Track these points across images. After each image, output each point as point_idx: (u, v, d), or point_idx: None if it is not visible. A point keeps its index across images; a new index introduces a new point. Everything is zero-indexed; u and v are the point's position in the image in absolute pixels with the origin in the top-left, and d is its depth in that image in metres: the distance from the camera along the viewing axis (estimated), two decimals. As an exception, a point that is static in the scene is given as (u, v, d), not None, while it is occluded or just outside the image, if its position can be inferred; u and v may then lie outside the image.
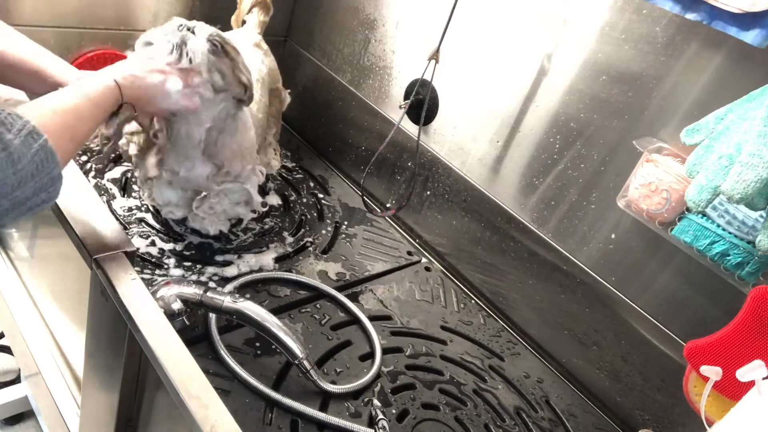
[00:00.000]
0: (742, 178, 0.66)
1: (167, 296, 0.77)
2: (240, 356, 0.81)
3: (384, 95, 1.28)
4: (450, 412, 0.87)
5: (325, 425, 0.76)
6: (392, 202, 1.30)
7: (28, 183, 0.47)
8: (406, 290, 1.09)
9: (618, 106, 0.91)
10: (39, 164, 0.47)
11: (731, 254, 0.77)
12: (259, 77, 1.07)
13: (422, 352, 0.96)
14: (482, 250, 1.14)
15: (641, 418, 0.97)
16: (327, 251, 1.11)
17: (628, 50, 0.89)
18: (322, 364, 0.86)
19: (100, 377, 0.83)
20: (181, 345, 0.66)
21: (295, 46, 1.48)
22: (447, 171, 1.18)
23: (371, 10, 1.27)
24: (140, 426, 0.81)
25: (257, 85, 1.04)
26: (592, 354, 1.02)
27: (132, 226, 0.98)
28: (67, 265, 0.92)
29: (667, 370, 0.92)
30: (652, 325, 0.93)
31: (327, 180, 1.35)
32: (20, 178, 0.46)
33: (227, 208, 0.99)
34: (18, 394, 1.52)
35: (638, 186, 0.85)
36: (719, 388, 0.73)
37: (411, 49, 1.21)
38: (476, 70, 1.10)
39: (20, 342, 1.14)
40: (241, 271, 0.97)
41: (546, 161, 1.02)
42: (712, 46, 0.81)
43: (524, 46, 1.02)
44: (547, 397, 0.99)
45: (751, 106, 0.70)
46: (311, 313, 0.94)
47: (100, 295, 0.75)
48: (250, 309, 0.78)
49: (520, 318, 1.11)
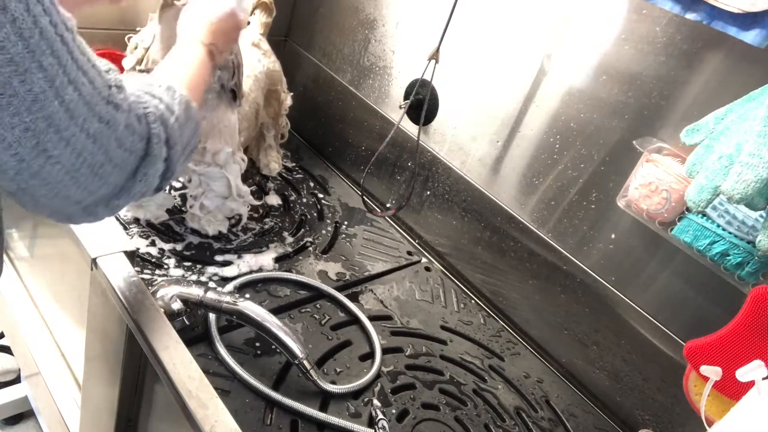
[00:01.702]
0: (742, 178, 0.66)
1: (167, 296, 0.77)
2: (240, 356, 0.81)
3: (384, 95, 1.28)
4: (450, 412, 0.87)
5: (325, 425, 0.76)
6: (392, 202, 1.30)
7: (192, 135, 0.64)
8: (406, 290, 1.09)
9: (618, 106, 0.91)
10: (191, 120, 0.63)
11: (731, 254, 0.77)
12: (252, 74, 1.07)
13: (422, 352, 0.96)
14: (482, 250, 1.14)
15: (641, 418, 0.97)
16: (327, 251, 1.11)
17: (628, 50, 0.89)
18: (322, 364, 0.86)
19: (100, 377, 0.83)
20: (181, 345, 0.66)
21: (295, 46, 1.48)
22: (447, 171, 1.18)
23: (371, 10, 1.27)
24: (140, 426, 0.81)
25: (248, 80, 1.04)
26: (592, 354, 1.02)
27: (132, 226, 0.98)
28: (67, 265, 0.93)
29: (667, 370, 0.92)
30: (652, 325, 0.93)
31: (327, 180, 1.35)
32: (189, 132, 0.63)
33: (218, 204, 0.99)
34: (18, 394, 1.52)
35: (638, 186, 0.85)
36: (719, 388, 0.73)
37: (411, 49, 1.21)
38: (476, 70, 1.10)
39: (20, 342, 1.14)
40: (241, 271, 0.97)
41: (546, 161, 1.02)
42: (712, 46, 0.81)
43: (524, 46, 1.02)
44: (547, 397, 0.99)
45: (751, 106, 0.70)
46: (311, 313, 0.94)
47: (100, 295, 0.75)
48: (250, 309, 0.78)
49: (520, 318, 1.11)
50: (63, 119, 0.44)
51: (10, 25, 0.39)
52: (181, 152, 0.61)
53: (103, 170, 0.50)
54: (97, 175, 0.50)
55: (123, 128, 0.51)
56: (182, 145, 0.61)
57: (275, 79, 1.16)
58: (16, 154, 0.43)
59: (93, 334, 0.82)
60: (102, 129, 0.48)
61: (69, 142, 0.46)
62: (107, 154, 0.50)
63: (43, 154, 0.45)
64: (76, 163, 0.47)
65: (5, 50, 0.39)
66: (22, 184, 0.46)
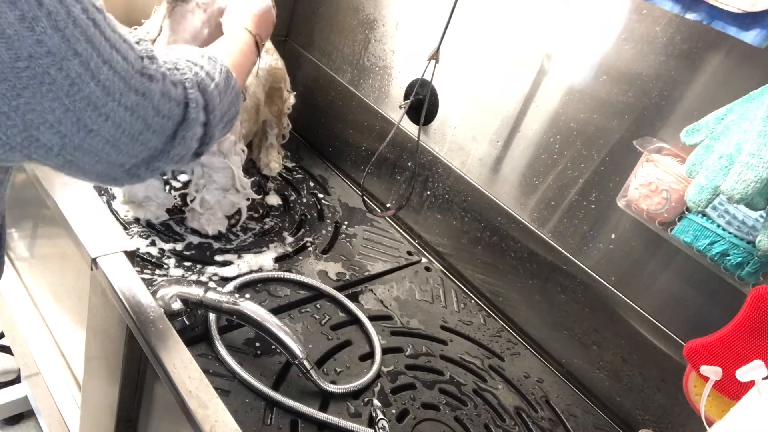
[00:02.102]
0: (742, 178, 0.66)
1: (167, 296, 0.77)
2: (240, 356, 0.81)
3: (384, 95, 1.28)
4: (450, 412, 0.87)
5: (325, 425, 0.76)
6: (392, 202, 1.30)
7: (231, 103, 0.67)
8: (406, 290, 1.09)
9: (618, 106, 0.91)
10: (231, 89, 0.66)
11: (731, 254, 0.77)
12: (255, 71, 1.08)
13: (422, 352, 0.96)
14: (482, 250, 1.14)
15: (641, 418, 0.97)
16: (327, 251, 1.11)
17: (628, 50, 0.89)
18: (322, 364, 0.86)
19: (100, 377, 0.83)
20: (181, 345, 0.66)
21: (295, 46, 1.48)
22: (447, 171, 1.18)
23: (371, 10, 1.27)
24: (140, 426, 0.81)
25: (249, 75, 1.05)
26: (592, 354, 1.02)
27: (132, 226, 0.98)
28: (67, 265, 0.93)
29: (667, 370, 0.92)
30: (652, 325, 0.93)
31: (327, 180, 1.35)
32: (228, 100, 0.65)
33: (219, 198, 0.99)
34: (18, 394, 1.52)
35: (638, 186, 0.85)
36: (719, 388, 0.73)
37: (411, 49, 1.21)
38: (476, 70, 1.10)
39: (20, 342, 1.14)
40: (241, 271, 0.97)
41: (546, 161, 1.02)
42: (712, 46, 0.81)
43: (524, 46, 1.02)
44: (547, 397, 0.99)
45: (751, 106, 0.70)
46: (311, 313, 0.94)
47: (100, 295, 0.75)
48: (250, 309, 0.78)
49: (520, 318, 1.11)
50: (100, 96, 0.47)
51: (46, 19, 0.41)
52: (219, 118, 0.64)
53: (143, 137, 0.53)
54: (137, 141, 0.53)
55: (159, 96, 0.53)
56: (221, 111, 0.64)
57: (278, 77, 1.16)
58: (58, 132, 0.46)
59: (93, 334, 0.82)
60: (138, 101, 0.51)
61: (108, 116, 0.48)
62: (145, 122, 0.52)
63: (84, 129, 0.47)
64: (116, 134, 0.50)
65: (43, 43, 0.41)
66: (68, 157, 0.49)
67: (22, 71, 0.41)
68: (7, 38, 0.40)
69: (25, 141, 0.45)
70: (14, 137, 0.44)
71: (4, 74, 0.41)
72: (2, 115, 0.43)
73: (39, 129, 0.45)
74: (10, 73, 0.41)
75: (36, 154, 0.47)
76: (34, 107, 0.43)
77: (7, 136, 0.44)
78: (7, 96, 0.42)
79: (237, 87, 0.68)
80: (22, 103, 0.43)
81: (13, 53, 0.40)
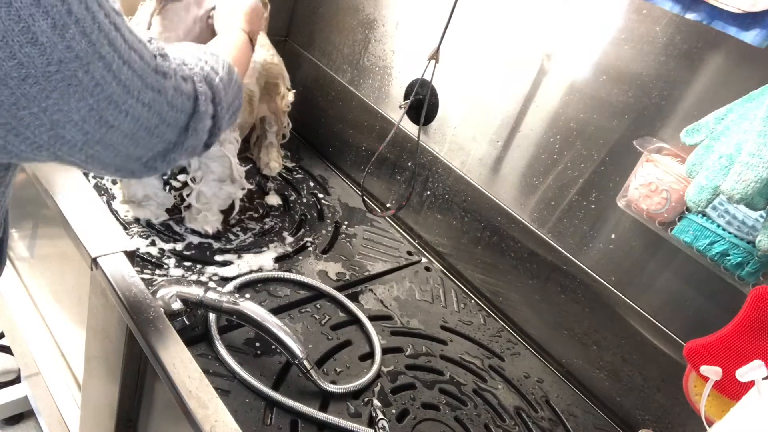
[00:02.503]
0: (742, 178, 0.66)
1: (167, 296, 0.77)
2: (240, 356, 0.81)
3: (384, 95, 1.28)
4: (450, 412, 0.87)
5: (325, 425, 0.76)
6: (392, 202, 1.30)
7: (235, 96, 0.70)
8: (406, 290, 1.09)
9: (618, 106, 0.91)
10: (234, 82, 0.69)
11: (731, 254, 0.77)
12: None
13: (422, 352, 0.96)
14: (482, 250, 1.14)
15: (641, 418, 0.97)
16: (327, 251, 1.11)
17: (628, 50, 0.89)
18: (322, 364, 0.86)
19: (100, 377, 0.83)
20: (181, 345, 0.66)
21: (295, 46, 1.48)
22: (447, 171, 1.18)
23: (371, 10, 1.27)
24: (140, 426, 0.81)
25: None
26: (592, 354, 1.02)
27: (132, 226, 0.98)
28: (67, 265, 0.93)
29: (667, 370, 0.92)
30: (652, 325, 0.93)
31: (327, 180, 1.35)
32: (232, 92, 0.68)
33: (215, 190, 1.00)
34: (18, 394, 1.52)
35: (638, 186, 0.85)
36: (719, 388, 0.73)
37: (411, 49, 1.21)
38: (476, 70, 1.10)
39: (20, 342, 1.14)
40: (241, 271, 0.97)
41: (546, 161, 1.02)
42: (712, 46, 0.81)
43: (524, 46, 1.02)
44: (547, 397, 0.99)
45: (751, 106, 0.70)
46: (311, 313, 0.94)
47: (100, 295, 0.75)
48: (250, 309, 0.78)
49: (520, 318, 1.11)
50: (121, 95, 0.50)
51: (74, 26, 0.44)
52: (226, 110, 0.67)
53: (158, 130, 0.56)
54: (153, 134, 0.56)
55: (172, 92, 0.56)
56: (227, 103, 0.67)
57: (273, 73, 1.16)
58: (81, 129, 0.49)
59: (93, 334, 0.82)
60: (155, 96, 0.54)
61: (128, 113, 0.51)
62: (160, 116, 0.56)
63: (105, 125, 0.50)
64: (134, 128, 0.53)
65: (71, 49, 0.44)
66: (89, 152, 0.52)
67: (53, 75, 0.44)
68: (41, 45, 0.42)
69: (51, 139, 0.48)
70: (41, 135, 0.47)
71: (36, 78, 0.43)
72: (32, 116, 0.45)
73: (65, 128, 0.48)
74: (41, 77, 0.44)
75: (61, 151, 0.50)
76: (62, 108, 0.46)
77: (35, 135, 0.47)
78: (38, 98, 0.44)
79: (239, 80, 0.71)
80: (50, 104, 0.45)
81: (45, 59, 0.43)
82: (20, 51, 0.42)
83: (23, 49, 0.42)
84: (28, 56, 0.42)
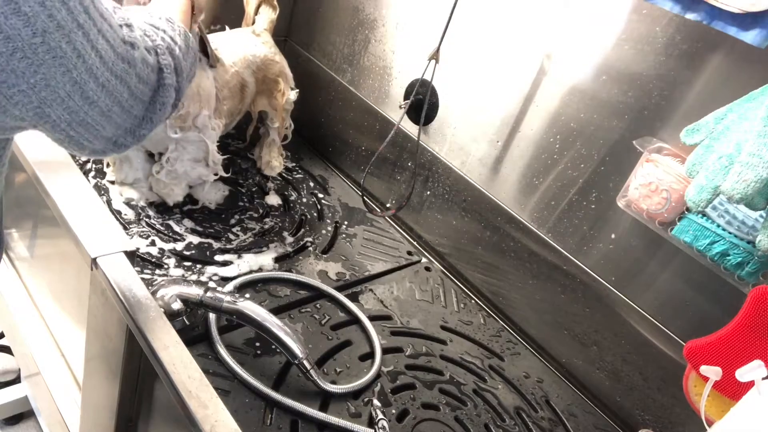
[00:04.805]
0: (742, 178, 0.66)
1: (167, 296, 0.77)
2: (240, 356, 0.81)
3: (384, 95, 1.28)
4: (450, 412, 0.87)
5: (325, 425, 0.76)
6: (392, 202, 1.30)
7: (192, 64, 0.69)
8: (406, 290, 1.09)
9: (618, 106, 0.91)
10: (191, 49, 0.68)
11: (731, 254, 0.77)
12: (242, 51, 1.10)
13: (422, 352, 0.96)
14: (482, 250, 1.14)
15: (641, 418, 0.97)
16: (327, 251, 1.11)
17: (628, 50, 0.89)
18: (322, 364, 0.86)
19: (100, 377, 0.83)
20: (181, 345, 0.66)
21: (295, 46, 1.48)
22: (447, 171, 1.18)
23: (371, 10, 1.27)
24: (140, 426, 0.81)
25: (234, 57, 1.07)
26: (592, 354, 1.02)
27: (132, 226, 0.98)
28: (67, 265, 0.93)
29: (667, 370, 0.92)
30: (652, 325, 0.93)
31: (327, 180, 1.35)
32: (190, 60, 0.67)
33: (187, 168, 1.01)
34: (18, 394, 1.52)
35: (638, 186, 0.85)
36: (719, 388, 0.73)
37: (411, 49, 1.21)
38: (476, 70, 1.10)
39: (20, 342, 1.14)
40: (241, 271, 0.97)
41: (546, 161, 1.02)
42: (712, 46, 0.81)
43: (524, 46, 1.02)
44: (547, 397, 0.99)
45: (751, 106, 0.70)
46: (311, 313, 0.94)
47: (100, 295, 0.75)
48: (250, 309, 0.78)
49: (520, 318, 1.11)
50: (99, 67, 0.50)
51: None
52: (186, 80, 0.66)
53: (128, 104, 0.56)
54: (124, 110, 0.56)
55: (140, 63, 0.56)
56: (186, 72, 0.66)
57: (273, 69, 1.17)
58: (67, 108, 0.50)
59: (93, 334, 0.82)
60: (125, 68, 0.54)
61: (104, 86, 0.52)
62: (130, 89, 0.55)
63: (87, 101, 0.51)
64: (109, 103, 0.53)
65: (53, 17, 0.45)
66: (71, 132, 0.52)
67: (38, 47, 0.45)
68: (24, 15, 0.43)
69: (35, 116, 0.49)
70: (27, 113, 0.48)
71: (24, 52, 0.44)
72: (21, 93, 0.46)
73: (51, 106, 0.49)
74: (29, 49, 0.44)
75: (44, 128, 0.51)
76: (49, 82, 0.47)
77: (22, 112, 0.48)
78: (26, 73, 0.45)
79: (194, 46, 0.70)
80: (39, 79, 0.46)
81: (30, 30, 0.43)
82: (6, 23, 0.42)
83: (8, 21, 0.42)
84: (14, 28, 0.43)
